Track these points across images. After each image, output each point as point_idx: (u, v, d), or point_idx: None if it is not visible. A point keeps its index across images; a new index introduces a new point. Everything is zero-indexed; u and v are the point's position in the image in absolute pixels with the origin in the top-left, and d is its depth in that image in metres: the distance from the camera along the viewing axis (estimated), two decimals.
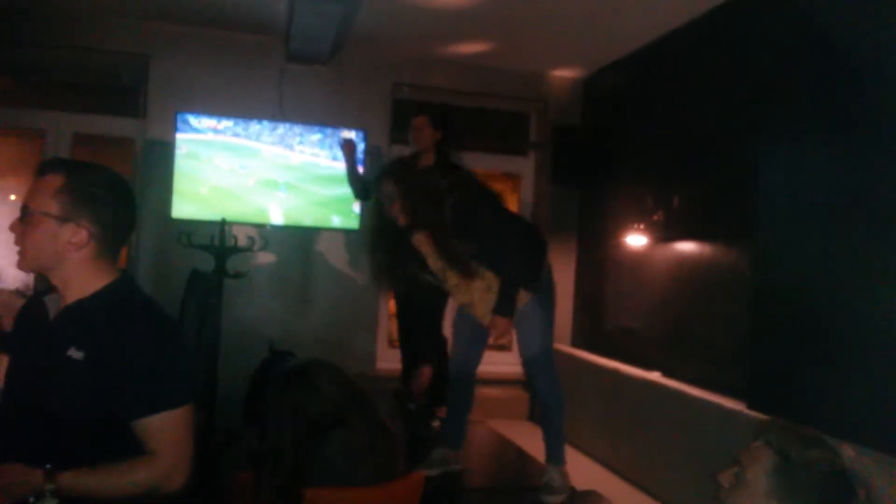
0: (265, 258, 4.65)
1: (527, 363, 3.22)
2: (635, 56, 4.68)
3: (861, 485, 1.34)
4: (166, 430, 1.56)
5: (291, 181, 4.55)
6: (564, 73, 5.30)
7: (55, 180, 1.59)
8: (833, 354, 2.74)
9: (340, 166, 4.51)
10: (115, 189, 1.66)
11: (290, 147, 4.51)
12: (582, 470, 3.86)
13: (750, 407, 3.05)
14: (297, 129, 4.53)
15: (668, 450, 3.50)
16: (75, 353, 1.55)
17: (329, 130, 4.56)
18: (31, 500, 1.42)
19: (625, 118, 4.81)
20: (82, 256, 1.62)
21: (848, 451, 1.38)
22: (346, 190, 4.41)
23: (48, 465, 1.45)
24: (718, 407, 3.21)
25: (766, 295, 3.14)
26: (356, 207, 4.58)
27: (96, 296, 1.63)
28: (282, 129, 4.51)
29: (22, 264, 1.63)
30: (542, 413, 3.32)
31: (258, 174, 4.49)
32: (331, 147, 4.53)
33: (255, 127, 4.46)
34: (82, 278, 1.63)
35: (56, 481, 1.43)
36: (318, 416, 2.26)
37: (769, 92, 3.23)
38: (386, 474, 2.29)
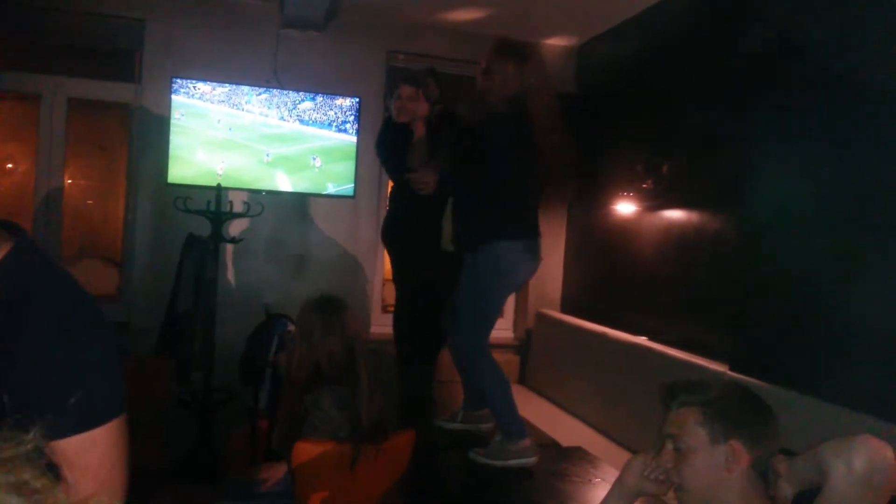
0: (261, 224, 4.70)
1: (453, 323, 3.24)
2: (628, 25, 4.70)
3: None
4: (85, 455, 1.10)
5: (287, 148, 4.59)
6: (558, 42, 5.32)
7: None
8: (815, 320, 2.83)
9: (334, 134, 4.56)
10: None
11: (286, 113, 4.54)
12: (570, 430, 3.98)
13: (732, 369, 3.15)
14: (293, 95, 4.55)
15: (653, 410, 3.59)
16: None
17: (323, 97, 4.59)
18: None
19: (617, 87, 4.84)
20: None
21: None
22: (342, 158, 4.48)
23: None
24: (702, 369, 3.30)
25: (753, 261, 3.23)
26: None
27: None
28: (277, 95, 4.53)
29: None
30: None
31: (253, 140, 4.52)
32: (325, 114, 4.57)
33: (250, 93, 4.48)
34: None
35: None
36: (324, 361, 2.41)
37: (761, 61, 3.27)
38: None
